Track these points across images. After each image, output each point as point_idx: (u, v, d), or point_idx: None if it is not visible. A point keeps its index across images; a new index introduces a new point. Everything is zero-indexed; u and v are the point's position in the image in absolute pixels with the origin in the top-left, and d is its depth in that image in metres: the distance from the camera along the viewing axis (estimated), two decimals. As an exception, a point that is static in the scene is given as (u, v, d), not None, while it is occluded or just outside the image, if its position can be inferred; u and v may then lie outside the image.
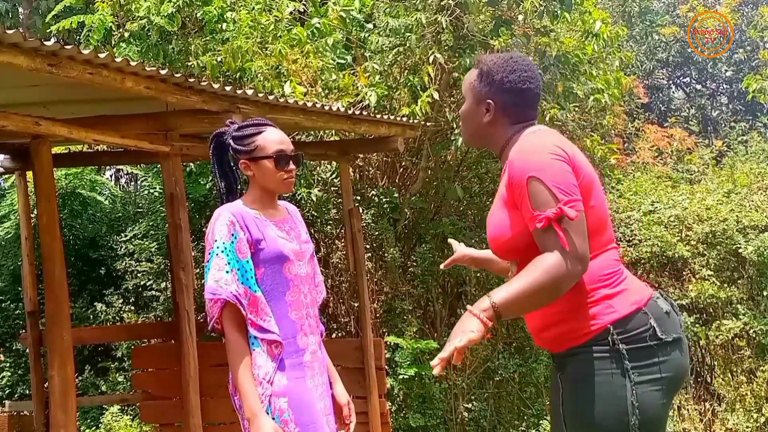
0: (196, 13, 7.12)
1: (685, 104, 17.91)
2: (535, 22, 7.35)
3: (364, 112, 5.89)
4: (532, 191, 2.10)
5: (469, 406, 7.45)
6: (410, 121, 6.32)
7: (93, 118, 4.73)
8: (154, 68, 4.08)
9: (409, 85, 7.00)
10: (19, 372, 8.16)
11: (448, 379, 7.29)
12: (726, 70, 17.42)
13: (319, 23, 6.97)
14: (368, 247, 7.37)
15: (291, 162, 2.72)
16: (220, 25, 6.92)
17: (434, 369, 2.01)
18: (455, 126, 7.05)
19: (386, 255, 7.49)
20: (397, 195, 7.71)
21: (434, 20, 6.84)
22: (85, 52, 3.59)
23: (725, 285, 7.63)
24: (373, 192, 7.77)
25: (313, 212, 7.49)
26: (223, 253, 2.57)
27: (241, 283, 2.57)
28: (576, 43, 7.38)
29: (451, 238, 3.00)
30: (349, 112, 5.63)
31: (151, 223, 8.51)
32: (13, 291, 8.36)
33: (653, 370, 2.13)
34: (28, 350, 6.23)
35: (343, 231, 7.36)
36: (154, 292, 8.24)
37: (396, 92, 7.15)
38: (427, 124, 6.75)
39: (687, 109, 17.12)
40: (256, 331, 2.58)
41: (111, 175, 12.94)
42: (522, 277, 2.08)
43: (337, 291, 7.75)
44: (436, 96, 6.64)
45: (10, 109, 4.08)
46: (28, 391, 7.58)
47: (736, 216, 7.81)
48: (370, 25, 7.60)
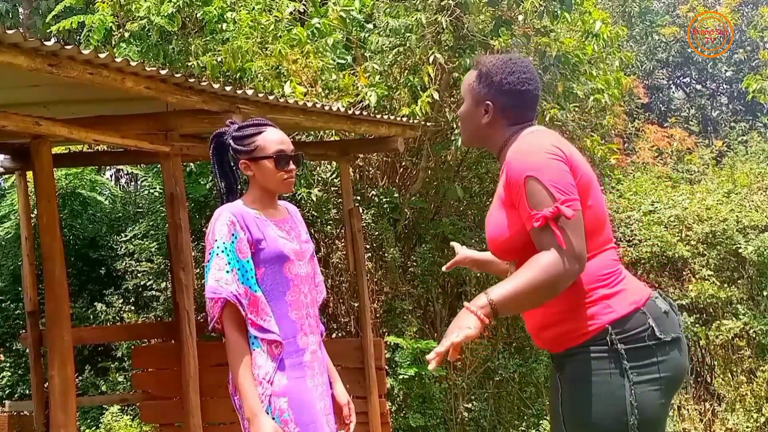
0: (196, 13, 7.12)
1: (685, 104, 17.90)
2: (535, 22, 7.36)
3: (364, 112, 5.89)
4: (530, 191, 2.11)
5: (469, 406, 7.45)
6: (410, 121, 6.32)
7: (93, 118, 4.73)
8: (154, 68, 4.08)
9: (409, 85, 7.00)
10: (19, 372, 8.16)
11: (448, 379, 7.29)
12: (726, 70, 17.41)
13: (319, 23, 6.98)
14: (368, 247, 7.37)
15: (291, 162, 2.72)
16: (220, 25, 6.92)
17: (430, 363, 2.01)
18: (455, 126, 7.05)
19: (386, 255, 7.49)
20: (397, 195, 7.70)
21: (434, 20, 6.84)
22: (86, 52, 3.59)
23: (725, 285, 7.63)
24: (373, 192, 7.77)
25: (313, 212, 7.49)
26: (223, 252, 2.57)
27: (242, 283, 2.57)
28: (576, 43, 7.39)
29: (453, 240, 3.01)
30: (349, 112, 5.63)
31: (151, 223, 8.51)
32: (13, 291, 8.36)
33: (652, 370, 2.13)
34: (28, 350, 6.23)
35: (343, 231, 7.36)
36: (154, 292, 8.24)
37: (396, 92, 7.15)
38: (427, 124, 6.75)
39: (687, 109, 17.11)
40: (256, 330, 2.58)
41: (111, 175, 12.94)
42: (519, 275, 2.08)
43: (337, 291, 7.75)
44: (436, 96, 6.64)
45: (11, 109, 4.08)
46: (28, 391, 7.58)
47: (736, 216, 7.81)
48: (370, 25, 7.60)
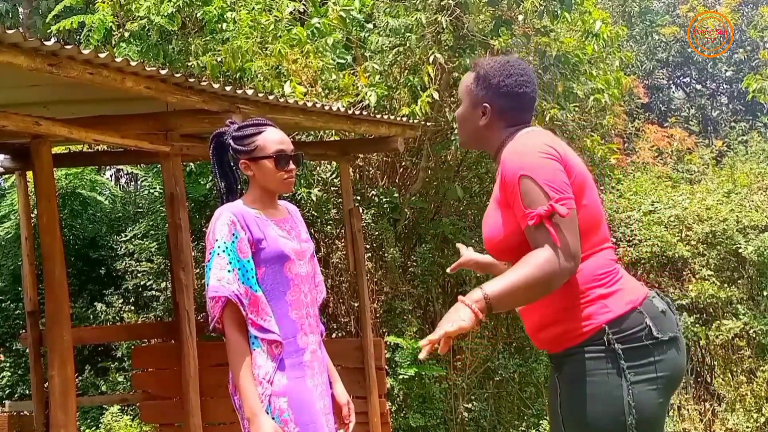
0: (196, 13, 7.12)
1: (685, 104, 17.91)
2: (535, 22, 7.35)
3: (364, 112, 5.89)
4: (524, 190, 2.12)
5: (469, 406, 7.45)
6: (410, 121, 6.32)
7: (93, 118, 4.73)
8: (154, 68, 4.07)
9: (409, 85, 6.99)
10: (19, 372, 8.16)
11: (448, 379, 7.29)
12: (726, 70, 17.41)
13: (319, 23, 6.97)
14: (368, 247, 7.37)
15: (291, 162, 2.72)
16: (220, 25, 6.92)
17: (422, 350, 2.02)
18: (455, 126, 7.04)
19: (386, 255, 7.49)
20: (397, 195, 7.70)
21: (434, 20, 6.84)
22: (85, 52, 3.58)
23: (725, 285, 7.63)
24: (373, 192, 7.76)
25: (313, 212, 7.49)
26: (224, 252, 2.57)
27: (242, 283, 2.57)
28: (576, 43, 7.39)
29: (453, 240, 3.02)
30: (349, 112, 5.63)
31: (151, 223, 8.50)
32: (13, 291, 8.36)
33: (649, 370, 2.14)
34: (28, 350, 6.23)
35: (343, 231, 7.36)
36: (154, 292, 8.23)
37: (396, 92, 7.15)
38: (427, 124, 6.75)
39: (687, 109, 17.12)
40: (257, 330, 2.58)
41: (111, 175, 12.94)
42: (514, 271, 2.09)
43: (337, 291, 7.75)
44: (436, 96, 6.64)
45: (11, 109, 4.08)
46: (28, 391, 7.58)
47: (736, 216, 7.81)
48: (370, 25, 7.60)
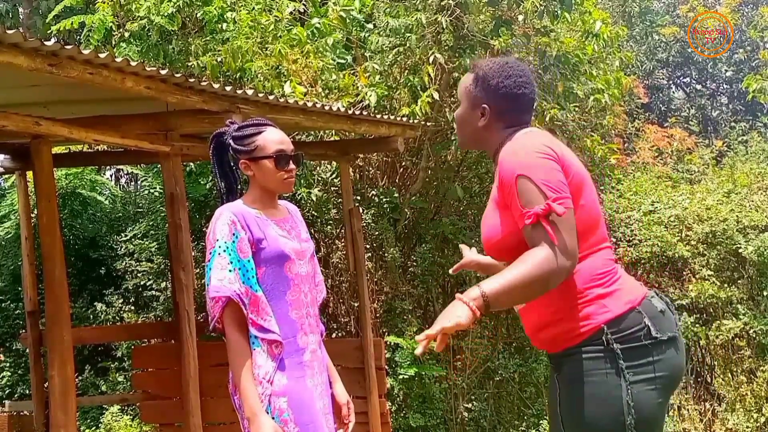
0: (196, 13, 7.12)
1: (685, 104, 17.90)
2: (535, 22, 7.36)
3: (364, 112, 5.89)
4: (521, 189, 2.12)
5: (469, 406, 7.45)
6: (410, 121, 6.32)
7: (93, 118, 4.73)
8: (155, 68, 4.08)
9: (409, 85, 6.99)
10: (19, 372, 8.16)
11: (448, 379, 7.29)
12: (726, 70, 17.41)
13: (319, 23, 6.97)
14: (368, 247, 7.37)
15: (291, 162, 2.72)
16: (220, 25, 6.92)
17: (418, 345, 2.02)
18: (455, 126, 7.05)
19: (386, 255, 7.49)
20: (397, 195, 7.70)
21: (434, 20, 6.84)
22: (86, 52, 3.59)
23: (725, 285, 7.63)
24: (373, 192, 7.76)
25: (313, 212, 7.49)
26: (225, 252, 2.57)
27: (243, 283, 2.57)
28: (576, 43, 7.39)
29: (454, 240, 3.02)
30: (349, 112, 5.63)
31: (151, 223, 8.50)
32: (13, 291, 8.36)
33: (648, 369, 2.14)
34: (28, 350, 6.23)
35: (343, 231, 7.36)
36: (154, 292, 8.23)
37: (396, 92, 7.15)
38: (427, 124, 6.75)
39: (687, 109, 17.11)
40: (257, 330, 2.58)
41: (111, 175, 12.94)
42: (511, 269, 2.09)
43: (337, 291, 7.75)
44: (436, 96, 6.64)
45: (11, 109, 4.08)
46: (28, 391, 7.58)
47: (736, 216, 7.81)
48: (370, 25, 7.60)
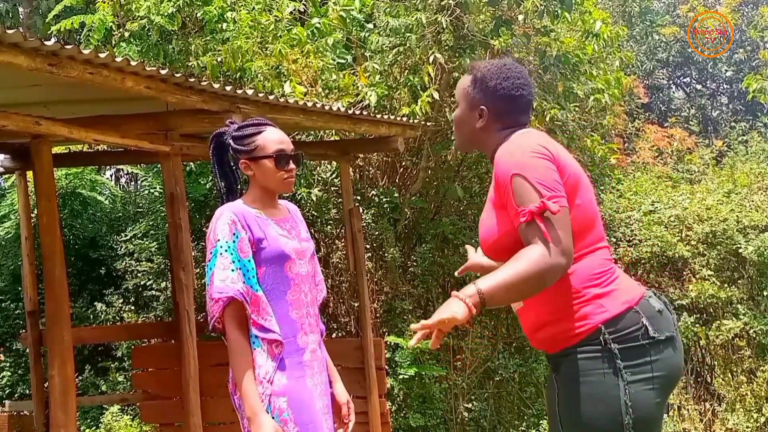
0: (197, 13, 7.12)
1: (685, 104, 17.90)
2: (535, 22, 7.36)
3: (364, 112, 5.89)
4: (516, 188, 2.14)
5: (469, 406, 7.45)
6: (410, 121, 6.32)
7: (93, 118, 4.73)
8: (155, 68, 4.08)
9: (409, 85, 6.99)
10: (19, 372, 8.16)
11: (448, 379, 7.29)
12: (726, 70, 17.41)
13: (319, 23, 6.97)
14: (368, 247, 7.37)
15: (291, 161, 2.72)
16: (220, 25, 6.92)
17: (414, 336, 2.03)
18: (453, 127, 7.04)
19: (386, 255, 7.49)
20: (397, 195, 7.70)
21: (434, 20, 6.84)
22: (86, 52, 3.59)
23: (725, 285, 7.63)
24: (373, 192, 7.76)
25: (313, 212, 7.48)
26: (227, 252, 2.57)
27: (244, 282, 2.57)
28: (576, 43, 7.39)
29: (460, 244, 3.02)
30: (349, 112, 5.63)
31: (151, 223, 8.50)
32: (13, 291, 8.36)
33: (645, 369, 2.14)
34: (28, 350, 6.23)
35: (343, 231, 7.36)
36: (154, 292, 8.23)
37: (396, 92, 7.15)
38: (427, 124, 6.75)
39: (687, 109, 17.12)
40: (258, 330, 2.58)
41: (111, 175, 12.93)
42: (507, 267, 2.10)
43: (337, 291, 7.75)
44: (436, 96, 6.64)
45: (11, 109, 4.08)
46: (28, 391, 7.58)
47: (737, 216, 7.81)
48: (370, 25, 7.60)
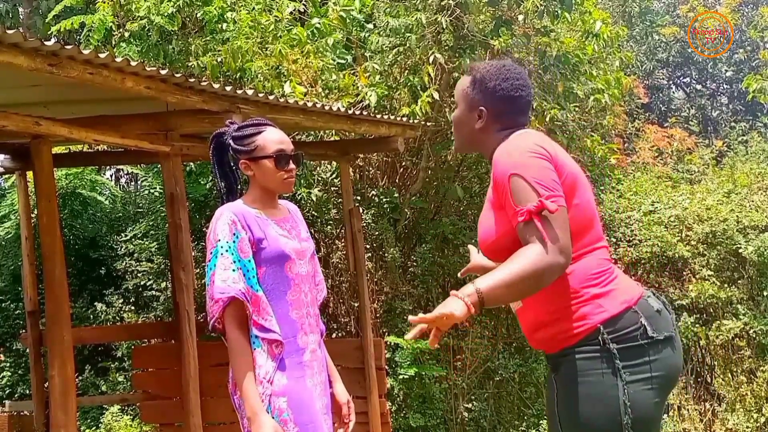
0: (197, 13, 7.11)
1: (685, 104, 17.90)
2: (535, 22, 7.36)
3: (364, 112, 5.89)
4: (514, 188, 2.14)
5: (469, 406, 7.45)
6: (410, 121, 6.32)
7: (93, 118, 4.73)
8: (155, 68, 4.08)
9: (409, 85, 6.99)
10: (19, 372, 8.16)
11: (448, 379, 7.29)
12: (726, 70, 17.41)
13: (319, 23, 6.97)
14: (368, 247, 7.37)
15: (291, 161, 2.72)
16: (220, 25, 6.92)
17: (412, 328, 2.04)
18: (452, 128, 7.04)
19: (386, 255, 7.49)
20: (397, 195, 7.70)
21: (434, 20, 6.84)
22: (86, 52, 3.59)
23: (725, 285, 7.63)
24: (373, 192, 7.76)
25: (313, 212, 7.49)
26: (227, 252, 2.58)
27: (245, 282, 2.57)
28: (576, 43, 7.39)
29: (454, 240, 3.02)
30: (349, 112, 5.63)
31: (151, 223, 8.50)
32: (13, 291, 8.36)
33: (644, 369, 2.14)
34: (28, 350, 6.23)
35: (343, 231, 7.36)
36: (154, 292, 8.23)
37: (396, 92, 7.15)
38: (427, 124, 6.75)
39: (687, 109, 17.11)
40: (258, 330, 2.58)
41: (111, 175, 12.93)
42: (505, 266, 2.11)
43: (337, 291, 7.75)
44: (436, 96, 6.64)
45: (11, 109, 4.08)
46: (28, 391, 7.58)
47: (737, 216, 7.81)
48: (370, 25, 7.60)
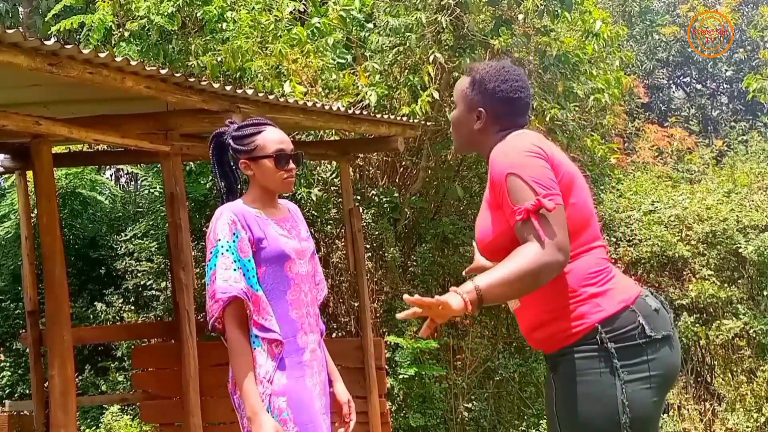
0: (196, 13, 7.11)
1: (685, 104, 17.90)
2: (535, 22, 7.36)
3: (364, 112, 5.89)
4: (511, 187, 2.15)
5: (469, 406, 7.45)
6: (410, 121, 6.32)
7: (93, 118, 4.73)
8: (154, 68, 4.07)
9: (409, 84, 6.99)
10: (19, 372, 8.16)
11: (448, 379, 7.29)
12: (726, 70, 17.41)
13: (319, 23, 6.97)
14: (368, 246, 7.37)
15: (291, 161, 2.72)
16: (220, 25, 6.92)
17: (409, 306, 2.01)
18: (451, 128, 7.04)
19: (386, 255, 7.49)
20: (397, 195, 7.70)
21: (434, 20, 6.84)
22: (85, 51, 3.59)
23: (725, 285, 7.62)
24: (373, 192, 7.76)
25: (313, 212, 7.48)
26: (228, 251, 2.58)
27: (245, 282, 2.57)
28: (576, 43, 7.40)
29: (454, 240, 3.02)
30: (349, 111, 5.63)
31: (151, 223, 8.50)
32: (13, 291, 8.36)
33: (642, 368, 2.15)
34: (28, 350, 6.23)
35: (343, 231, 7.36)
36: (154, 292, 8.23)
37: (396, 92, 7.14)
38: (427, 123, 6.75)
39: (687, 109, 17.12)
40: (258, 330, 2.58)
41: (111, 175, 12.93)
42: (504, 264, 2.11)
43: (337, 291, 7.75)
44: (436, 95, 6.64)
45: (11, 109, 4.08)
46: (28, 391, 7.58)
47: (737, 216, 7.80)
48: (370, 25, 7.60)
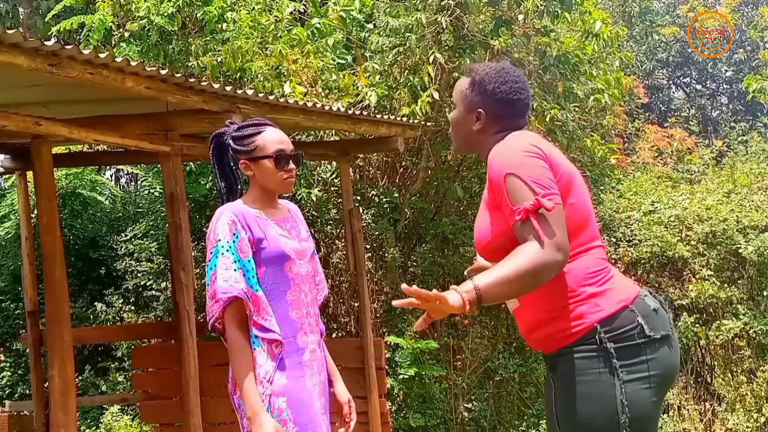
0: (197, 13, 7.11)
1: (685, 104, 17.91)
2: (535, 22, 7.36)
3: (364, 112, 5.89)
4: (510, 187, 2.15)
5: (469, 406, 7.45)
6: (410, 121, 6.32)
7: (93, 118, 4.74)
8: (155, 68, 4.08)
9: (409, 85, 6.99)
10: (19, 372, 8.16)
11: (448, 379, 7.29)
12: (726, 70, 17.41)
13: (319, 23, 6.97)
14: (368, 247, 7.37)
15: (291, 161, 2.72)
16: (220, 25, 6.92)
17: (407, 295, 2.00)
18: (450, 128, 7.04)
19: (386, 255, 7.49)
20: (397, 195, 7.70)
21: (434, 20, 6.84)
22: (86, 52, 3.59)
23: (725, 285, 7.62)
24: (373, 192, 7.77)
25: (313, 212, 7.49)
26: (228, 251, 2.58)
27: (245, 282, 2.58)
28: (576, 43, 7.40)
29: (461, 243, 3.01)
30: (349, 112, 5.63)
31: (151, 223, 8.50)
32: (13, 291, 8.36)
33: (641, 368, 2.15)
34: (28, 350, 6.23)
35: (343, 231, 7.36)
36: (154, 292, 8.23)
37: (396, 92, 7.14)
38: (427, 124, 6.75)
39: (687, 109, 17.12)
40: (258, 330, 2.59)
41: (111, 175, 12.93)
42: (503, 263, 2.11)
43: (337, 291, 7.75)
44: (436, 96, 6.64)
45: (11, 109, 4.08)
46: (28, 391, 7.58)
47: (736, 216, 7.80)
48: (370, 25, 7.59)
